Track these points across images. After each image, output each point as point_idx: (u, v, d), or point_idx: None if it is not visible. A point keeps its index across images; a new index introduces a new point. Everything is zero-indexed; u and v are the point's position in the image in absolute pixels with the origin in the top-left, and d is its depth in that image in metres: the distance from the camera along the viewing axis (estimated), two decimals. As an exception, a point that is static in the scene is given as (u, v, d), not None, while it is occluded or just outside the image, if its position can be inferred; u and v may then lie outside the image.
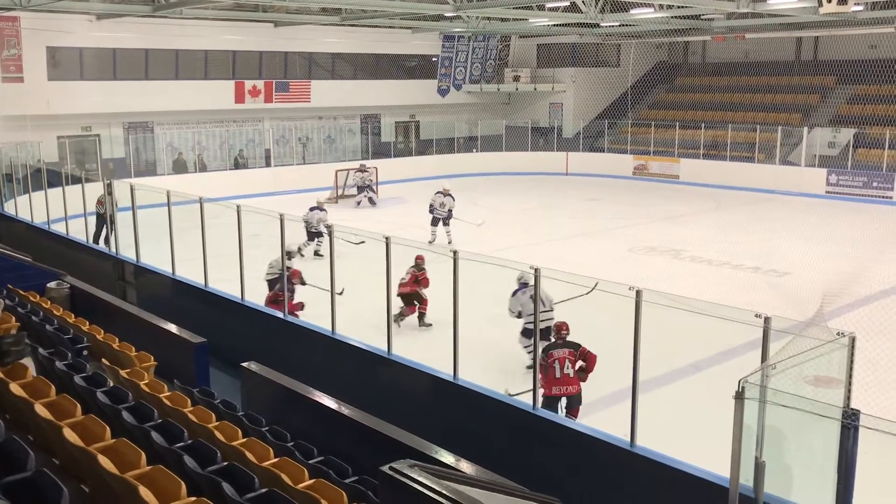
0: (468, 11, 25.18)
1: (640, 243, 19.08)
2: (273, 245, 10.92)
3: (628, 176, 31.33)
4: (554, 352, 8.81)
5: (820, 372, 5.85)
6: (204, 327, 10.34)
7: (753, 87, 33.13)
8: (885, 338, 11.36)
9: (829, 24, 26.63)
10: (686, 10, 23.88)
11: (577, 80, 35.81)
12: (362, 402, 7.86)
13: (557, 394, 8.72)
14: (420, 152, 33.62)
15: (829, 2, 17.02)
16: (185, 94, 27.73)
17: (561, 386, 8.70)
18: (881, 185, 25.41)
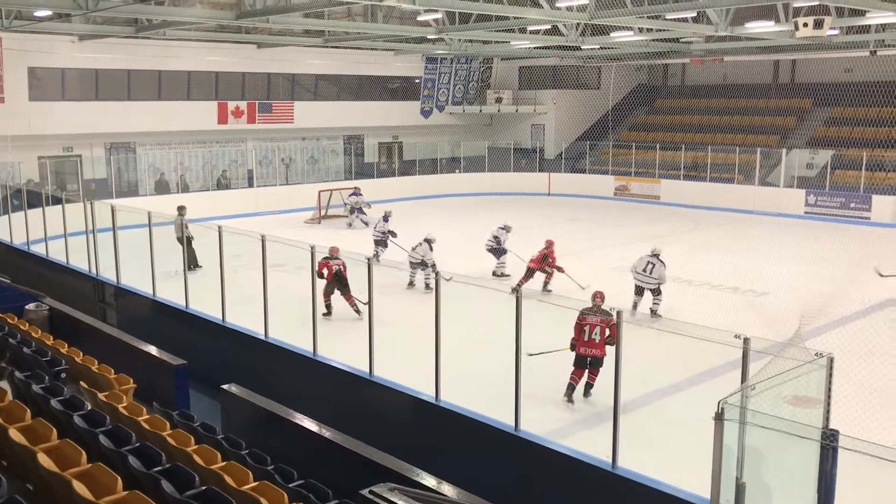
0: (450, 34, 25.38)
1: (622, 263, 19.14)
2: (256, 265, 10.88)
3: (610, 196, 31.54)
4: (587, 317, 10.00)
5: (799, 392, 5.89)
6: (184, 349, 10.28)
7: (732, 109, 33.54)
8: (864, 358, 11.46)
9: (806, 47, 27.06)
10: (665, 33, 24.18)
11: (558, 101, 36.11)
12: (344, 424, 7.83)
13: (585, 354, 10.01)
14: (403, 173, 33.70)
15: (804, 26, 17.33)
16: (168, 114, 27.70)
17: (588, 348, 10.00)
18: (858, 205, 25.72)
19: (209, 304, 11.84)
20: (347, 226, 25.28)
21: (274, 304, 10.89)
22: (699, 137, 31.95)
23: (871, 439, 4.91)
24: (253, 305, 10.92)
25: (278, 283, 11.40)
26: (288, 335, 10.63)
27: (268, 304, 10.76)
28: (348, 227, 25.23)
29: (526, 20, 22.30)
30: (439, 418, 8.28)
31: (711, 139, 31.30)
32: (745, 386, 5.67)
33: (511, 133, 36.81)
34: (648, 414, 10.03)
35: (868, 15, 19.49)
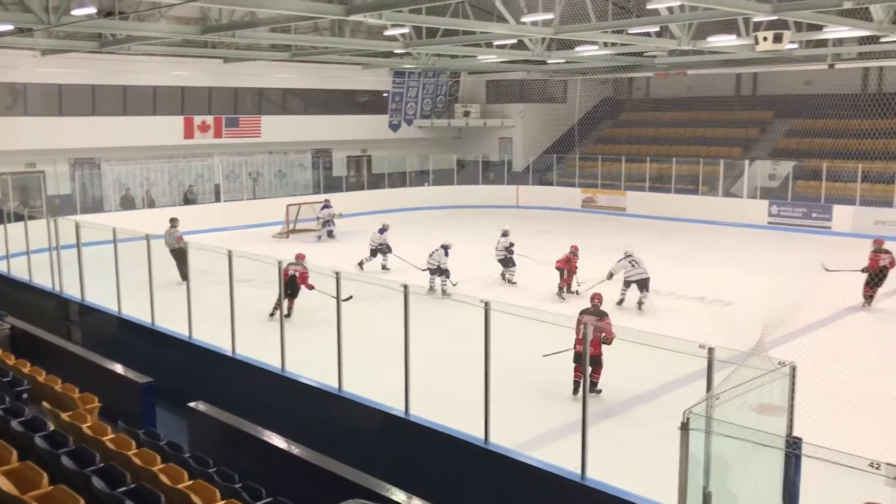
0: (418, 48, 25.47)
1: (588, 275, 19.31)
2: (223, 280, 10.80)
3: (577, 208, 31.79)
4: (583, 316, 10.76)
5: (763, 400, 5.98)
6: (151, 366, 10.16)
7: (696, 121, 34.04)
8: (826, 366, 11.65)
9: (766, 61, 27.56)
10: (629, 47, 24.50)
11: (525, 115, 36.38)
12: (313, 440, 7.78)
13: (580, 351, 10.32)
14: (372, 186, 33.67)
15: (764, 40, 17.67)
16: (133, 129, 27.42)
17: (581, 345, 10.12)
18: (820, 215, 26.19)
19: (176, 320, 11.72)
20: (317, 239, 25.20)
21: (241, 320, 10.81)
22: (664, 149, 32.36)
23: (834, 447, 4.99)
24: (220, 321, 10.83)
25: (246, 299, 11.32)
26: (256, 351, 10.55)
27: (235, 320, 10.67)
28: (318, 240, 25.15)
29: (492, 35, 22.47)
30: (409, 433, 8.26)
31: (676, 151, 31.71)
32: (710, 395, 5.74)
33: (479, 146, 37.00)
34: (617, 424, 10.10)
35: (825, 29, 19.93)
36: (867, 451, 5.66)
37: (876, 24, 18.06)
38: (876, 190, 25.70)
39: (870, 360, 11.98)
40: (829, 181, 26.46)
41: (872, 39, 22.33)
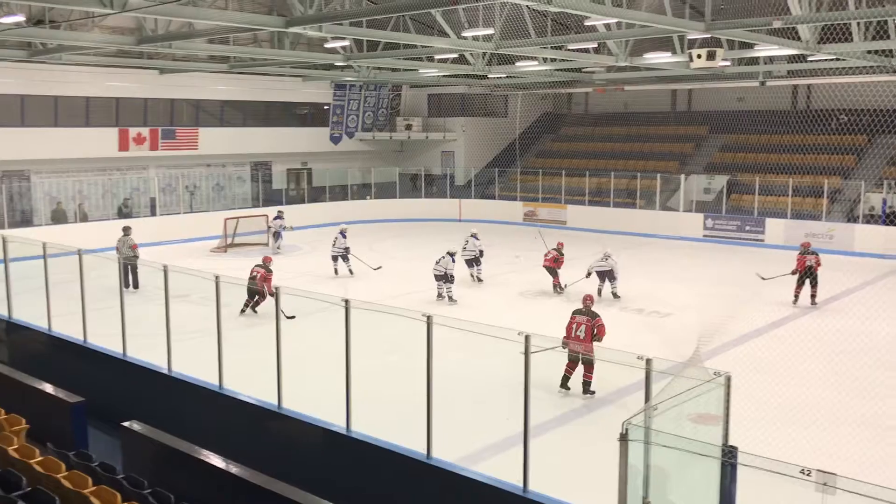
0: (359, 61, 25.43)
1: (531, 287, 19.48)
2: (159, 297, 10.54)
3: (519, 222, 32.06)
4: (577, 316, 11.56)
5: (700, 410, 6.09)
6: (83, 385, 9.85)
7: (633, 136, 34.74)
8: (762, 374, 11.96)
9: (701, 77, 28.32)
10: (568, 63, 24.90)
11: (467, 129, 36.62)
12: (252, 458, 7.64)
13: (573, 349, 11.23)
14: (313, 199, 33.40)
15: (699, 57, 18.09)
16: (65, 141, 26.71)
17: (576, 344, 11.23)
18: (753, 228, 26.93)
19: (109, 337, 11.39)
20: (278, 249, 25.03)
21: (178, 336, 10.56)
22: (602, 164, 32.91)
23: (769, 455, 5.09)
24: (155, 338, 10.57)
25: (182, 315, 11.07)
26: (192, 368, 10.32)
27: (171, 337, 10.42)
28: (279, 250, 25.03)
29: (433, 49, 22.58)
30: (351, 449, 8.17)
31: (614, 165, 32.28)
32: (649, 406, 5.81)
33: (422, 160, 37.07)
34: (558, 436, 10.17)
35: (756, 48, 20.57)
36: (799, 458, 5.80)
37: (804, 43, 18.72)
38: (806, 203, 26.57)
39: (800, 369, 12.32)
40: (761, 195, 27.26)
41: (801, 58, 23.14)
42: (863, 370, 12.38)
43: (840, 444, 9.31)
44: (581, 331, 11.38)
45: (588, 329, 11.36)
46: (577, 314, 11.68)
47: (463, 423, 10.10)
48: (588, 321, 11.45)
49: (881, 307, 16.25)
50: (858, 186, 26.22)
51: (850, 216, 26.02)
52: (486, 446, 9.43)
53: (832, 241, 24.79)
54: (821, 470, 4.69)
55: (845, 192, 27.00)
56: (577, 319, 11.55)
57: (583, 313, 11.64)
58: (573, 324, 11.52)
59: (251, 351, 10.40)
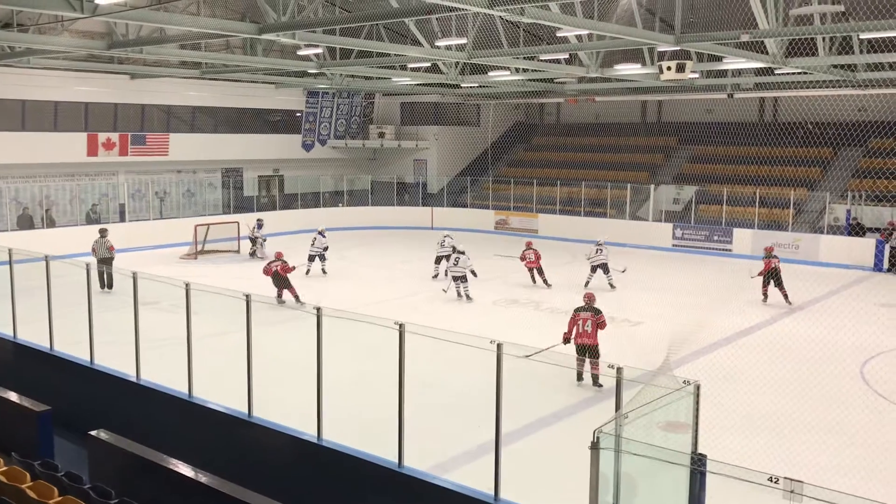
0: (332, 69, 25.40)
1: (503, 296, 19.55)
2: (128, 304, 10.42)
3: (490, 230, 32.17)
4: (581, 313, 12.38)
5: (669, 418, 6.15)
6: (49, 394, 9.71)
7: (604, 146, 35.06)
8: (730, 382, 12.11)
9: (670, 89, 28.68)
10: (540, 73, 25.08)
11: (439, 137, 36.69)
12: (222, 467, 7.58)
13: (579, 342, 12.17)
14: (285, 206, 33.24)
15: (668, 69, 18.34)
16: (33, 146, 26.34)
17: (582, 338, 12.19)
18: (721, 238, 27.28)
19: (76, 345, 11.24)
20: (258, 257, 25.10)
21: (147, 344, 10.45)
22: (573, 173, 33.15)
23: (738, 462, 5.16)
24: (124, 346, 10.45)
25: (152, 322, 10.96)
26: (161, 376, 10.21)
27: (140, 344, 10.31)
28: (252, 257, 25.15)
29: (406, 58, 22.62)
30: (321, 458, 8.13)
31: (585, 175, 32.53)
32: (619, 414, 5.87)
33: (394, 168, 37.08)
34: (529, 444, 10.20)
35: (725, 60, 20.89)
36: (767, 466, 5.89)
37: (771, 56, 19.05)
38: (773, 214, 26.97)
39: (767, 378, 12.49)
40: (729, 205, 27.63)
41: (768, 71, 23.53)
42: (828, 379, 12.58)
43: (807, 452, 9.44)
44: (588, 325, 12.26)
45: (594, 324, 12.24)
46: (580, 311, 12.46)
47: (435, 432, 10.09)
48: (592, 317, 12.29)
49: (846, 316, 16.55)
50: (824, 198, 26.69)
51: (815, 227, 26.46)
52: (458, 454, 9.44)
53: (798, 252, 25.19)
54: (788, 477, 4.77)
55: (811, 203, 27.47)
56: (582, 316, 12.36)
57: (586, 310, 12.45)
58: (578, 320, 12.34)
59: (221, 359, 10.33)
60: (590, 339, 12.24)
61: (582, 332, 12.28)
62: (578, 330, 12.28)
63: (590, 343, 12.25)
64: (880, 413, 11.35)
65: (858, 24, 15.61)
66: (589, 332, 12.24)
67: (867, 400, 11.89)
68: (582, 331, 12.28)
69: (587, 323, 12.27)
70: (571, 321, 12.43)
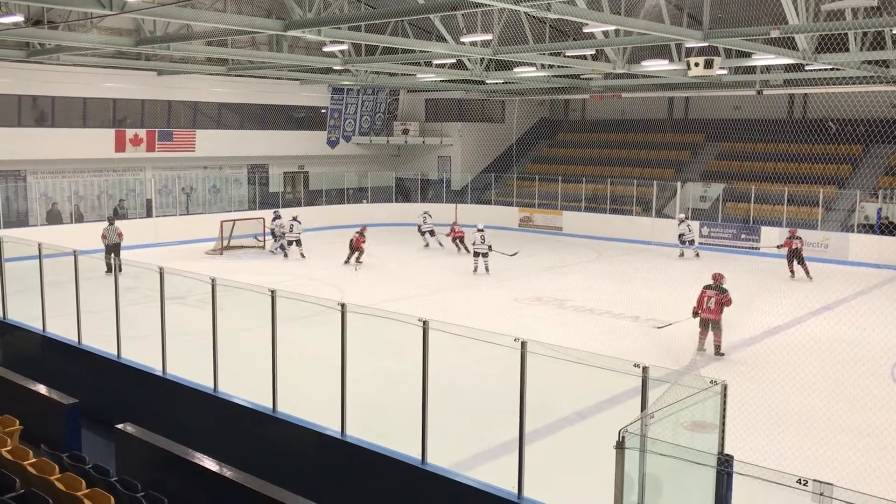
0: (356, 65, 25.44)
1: (526, 293, 19.48)
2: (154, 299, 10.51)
3: (514, 227, 32.07)
4: (707, 290, 13.91)
5: (696, 418, 6.08)
6: (77, 387, 9.82)
7: (630, 143, 34.80)
8: (757, 382, 11.97)
9: (698, 85, 28.39)
10: (566, 69, 24.94)
11: (464, 134, 36.64)
12: (247, 462, 7.61)
13: (704, 317, 13.89)
14: (309, 203, 33.38)
15: (696, 66, 18.18)
16: (62, 142, 26.67)
17: (706, 313, 13.85)
18: (748, 236, 26.98)
19: (104, 339, 11.36)
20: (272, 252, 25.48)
21: (173, 339, 10.53)
22: (599, 170, 32.97)
23: (765, 463, 5.09)
24: (150, 340, 10.54)
25: (177, 317, 11.04)
26: (187, 370, 10.29)
27: (166, 339, 10.39)
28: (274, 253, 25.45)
29: (431, 54, 22.61)
30: (345, 454, 8.14)
31: (610, 172, 32.34)
32: (645, 414, 5.81)
33: (418, 164, 37.08)
34: (553, 443, 10.15)
35: (754, 57, 20.63)
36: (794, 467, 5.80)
37: (801, 52, 18.78)
38: (801, 212, 26.62)
39: (795, 378, 12.32)
40: (757, 203, 27.31)
41: (798, 67, 23.22)
42: (857, 379, 12.40)
43: (836, 453, 9.31)
44: (711, 302, 13.74)
45: (717, 301, 13.71)
46: (707, 289, 13.98)
47: (458, 429, 10.08)
48: (717, 295, 13.78)
49: (876, 317, 16.29)
50: (854, 196, 26.30)
51: (845, 225, 26.08)
52: (481, 452, 9.42)
53: (827, 251, 24.85)
54: (817, 480, 4.69)
55: (840, 201, 27.07)
56: (708, 293, 13.88)
57: (713, 288, 13.94)
58: (704, 297, 13.86)
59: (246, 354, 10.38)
60: (713, 314, 13.77)
61: (706, 308, 13.80)
62: (703, 306, 13.80)
63: (712, 318, 13.79)
64: (911, 415, 11.16)
65: (892, 19, 15.34)
66: (712, 309, 13.75)
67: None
68: (706, 307, 13.80)
69: (711, 300, 13.78)
70: (699, 297, 13.95)
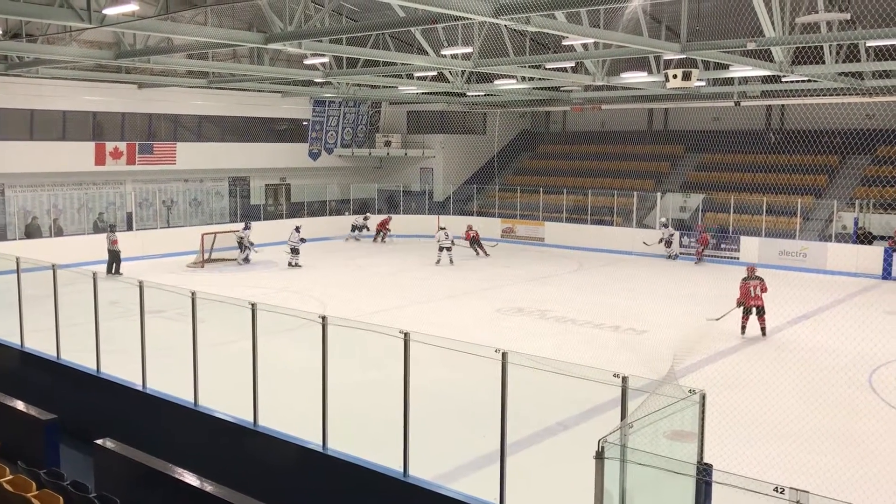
0: (338, 78, 25.48)
1: (508, 304, 19.53)
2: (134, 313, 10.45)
3: (497, 238, 32.16)
4: (750, 282, 16.03)
5: (675, 427, 6.13)
6: (56, 403, 9.73)
7: (610, 154, 35.04)
8: (736, 391, 12.07)
9: (677, 97, 28.67)
10: (546, 82, 25.11)
11: (446, 146, 36.76)
12: (227, 476, 7.58)
13: (753, 304, 15.95)
14: (291, 215, 33.31)
15: (674, 77, 18.36)
16: (41, 155, 26.48)
17: (754, 301, 15.94)
18: (728, 246, 27.21)
19: (83, 353, 11.27)
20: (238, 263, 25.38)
21: (153, 353, 10.47)
22: (580, 181, 33.16)
23: (744, 471, 5.14)
24: (130, 354, 10.47)
25: (158, 331, 10.98)
26: (168, 385, 10.23)
27: (146, 353, 10.33)
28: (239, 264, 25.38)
29: (413, 66, 22.69)
30: (327, 467, 8.12)
31: (591, 183, 32.53)
32: (624, 424, 5.84)
33: (401, 176, 37.15)
34: (536, 453, 10.17)
35: (731, 68, 20.87)
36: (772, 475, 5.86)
37: (777, 64, 19.02)
38: (780, 222, 26.89)
39: (773, 386, 12.43)
40: (736, 213, 27.57)
41: (775, 79, 23.51)
42: (836, 387, 12.52)
43: (814, 461, 9.40)
44: (757, 290, 15.87)
45: (762, 288, 15.88)
46: (748, 279, 16.06)
47: (440, 441, 10.09)
48: (758, 283, 15.89)
49: (854, 325, 16.47)
50: (831, 206, 26.61)
51: (822, 235, 26.37)
52: (463, 464, 9.42)
53: (806, 260, 25.12)
54: (794, 488, 4.74)
55: (818, 211, 27.38)
56: (751, 283, 15.96)
57: (752, 278, 16.03)
58: (749, 287, 15.93)
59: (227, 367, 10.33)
60: (759, 300, 15.87)
61: (754, 295, 15.86)
62: (751, 294, 15.88)
63: (759, 304, 15.88)
64: (888, 423, 11.29)
65: (865, 32, 15.60)
66: (758, 295, 15.85)
67: (875, 409, 11.83)
68: (754, 295, 15.86)
69: (757, 288, 15.83)
70: (743, 288, 15.98)
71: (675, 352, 14.39)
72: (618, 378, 6.37)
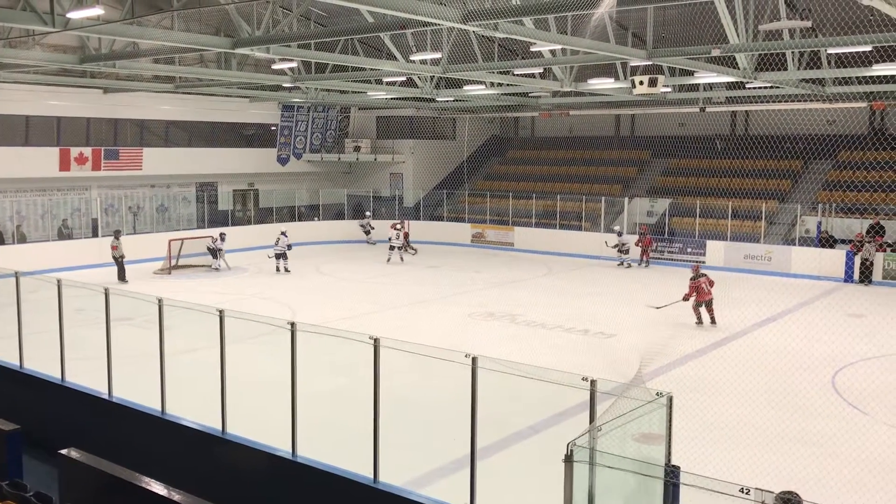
0: (307, 83, 25.39)
1: (479, 309, 19.58)
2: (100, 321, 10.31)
3: (467, 243, 32.25)
4: (700, 279, 17.38)
5: (643, 430, 6.19)
6: (19, 413, 9.56)
7: (578, 159, 35.33)
8: (702, 393, 12.21)
9: (643, 103, 28.99)
10: (515, 87, 25.25)
11: (415, 151, 36.78)
12: (196, 486, 7.50)
13: (702, 299, 17.38)
14: (260, 221, 33.09)
15: (640, 84, 18.55)
16: (4, 161, 26.01)
17: (706, 296, 17.37)
18: (695, 250, 27.54)
19: (47, 361, 11.09)
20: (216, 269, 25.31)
21: (120, 361, 10.34)
22: (548, 186, 33.37)
23: (710, 473, 5.21)
24: (96, 362, 10.33)
25: (124, 338, 10.85)
26: (134, 393, 10.10)
27: (112, 361, 10.19)
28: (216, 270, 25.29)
29: (382, 72, 22.69)
30: (296, 474, 8.08)
31: (560, 188, 32.76)
32: (593, 427, 5.89)
33: (370, 181, 37.10)
34: (507, 458, 10.21)
35: (696, 75, 21.17)
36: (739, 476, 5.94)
37: (742, 71, 19.33)
38: (745, 226, 27.29)
39: (739, 388, 12.60)
40: (702, 218, 27.91)
41: (739, 85, 23.86)
42: (800, 389, 12.73)
43: (781, 462, 9.55)
44: (707, 286, 17.25)
45: (709, 283, 17.37)
46: (697, 278, 17.44)
47: (411, 446, 10.08)
48: (706, 279, 17.35)
49: (817, 327, 16.76)
50: (795, 210, 27.07)
51: (787, 239, 26.81)
52: (434, 469, 9.42)
53: (770, 263, 25.51)
54: (759, 488, 4.82)
55: (782, 215, 27.83)
56: (701, 280, 17.34)
57: (700, 276, 17.46)
58: (703, 284, 17.31)
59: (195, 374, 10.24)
60: (709, 295, 17.30)
61: (707, 291, 17.23)
62: (703, 290, 17.23)
63: (709, 298, 17.33)
64: (850, 423, 11.49)
65: (826, 40, 15.90)
66: (709, 291, 17.27)
67: (838, 410, 12.04)
68: (707, 290, 17.23)
69: (706, 284, 17.26)
70: (692, 286, 17.34)
71: (642, 355, 14.54)
72: (586, 381, 6.42)
